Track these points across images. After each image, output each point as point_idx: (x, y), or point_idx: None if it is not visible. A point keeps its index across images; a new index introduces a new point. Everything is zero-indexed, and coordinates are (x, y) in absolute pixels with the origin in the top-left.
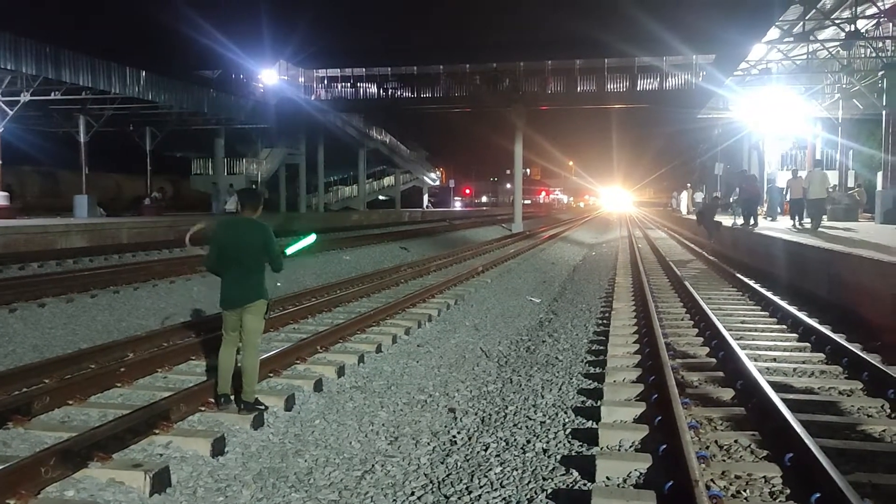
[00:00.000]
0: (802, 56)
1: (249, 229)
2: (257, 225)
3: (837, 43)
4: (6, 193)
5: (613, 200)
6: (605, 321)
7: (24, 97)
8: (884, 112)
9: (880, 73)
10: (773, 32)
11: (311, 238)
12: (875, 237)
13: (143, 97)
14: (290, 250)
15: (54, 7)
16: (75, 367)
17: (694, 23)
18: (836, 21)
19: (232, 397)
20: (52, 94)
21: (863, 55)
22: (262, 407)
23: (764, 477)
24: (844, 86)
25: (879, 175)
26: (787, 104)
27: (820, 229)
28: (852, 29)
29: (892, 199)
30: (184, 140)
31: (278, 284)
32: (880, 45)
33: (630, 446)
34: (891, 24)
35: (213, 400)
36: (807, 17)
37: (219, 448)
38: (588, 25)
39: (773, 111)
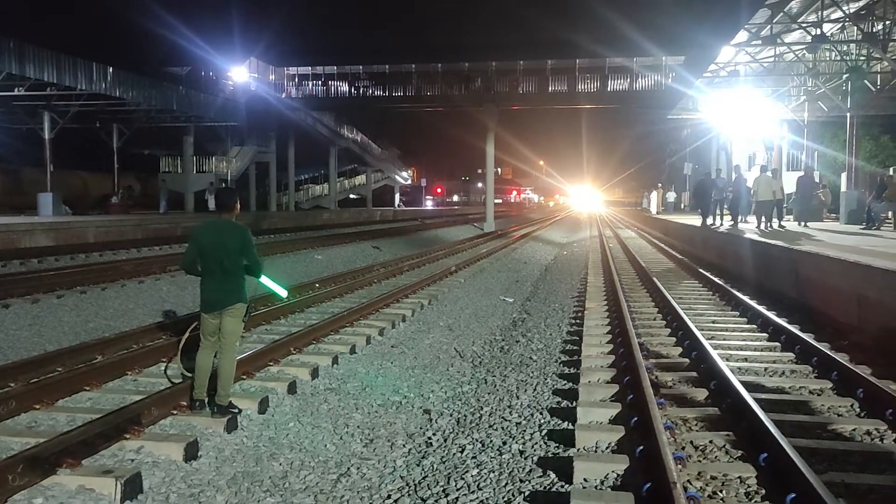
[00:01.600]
0: (769, 59)
1: (229, 232)
2: (236, 228)
3: (803, 46)
4: None
5: (583, 200)
6: (578, 321)
7: None
8: (848, 114)
9: (845, 76)
10: (742, 35)
11: (283, 292)
12: (839, 237)
13: (110, 93)
14: (262, 279)
15: (19, 1)
16: (42, 370)
17: (664, 24)
18: (803, 25)
19: (205, 401)
20: (16, 89)
21: (828, 58)
22: (236, 410)
23: (739, 477)
24: (810, 88)
25: (843, 176)
26: (754, 106)
27: (779, 229)
28: (818, 32)
29: (855, 200)
30: (152, 137)
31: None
32: (845, 48)
33: (607, 447)
34: (855, 28)
35: (185, 403)
36: (774, 21)
37: (192, 452)
38: (559, 26)
39: (740, 112)
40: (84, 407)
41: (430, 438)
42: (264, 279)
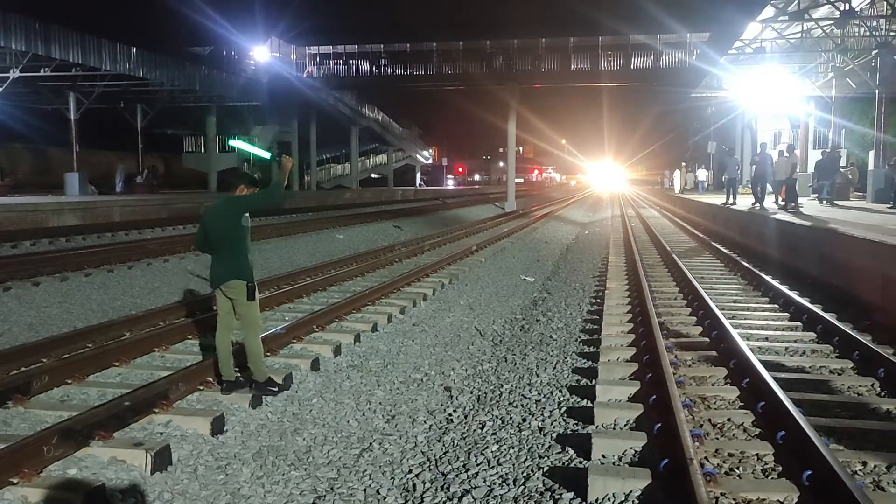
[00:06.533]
0: (796, 35)
1: (225, 206)
2: (233, 202)
3: (831, 21)
4: None
5: (606, 178)
6: (598, 300)
7: (14, 73)
8: (877, 91)
9: (874, 52)
10: (768, 11)
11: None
12: (865, 216)
13: (134, 74)
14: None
15: None
16: (73, 347)
17: (688, 1)
18: None
19: (233, 381)
20: (42, 70)
21: (856, 34)
22: (275, 389)
23: (756, 454)
24: (838, 64)
25: (871, 154)
26: (780, 83)
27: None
28: (847, 7)
29: (883, 178)
30: (175, 117)
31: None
32: (874, 23)
33: (625, 425)
34: (885, 3)
35: (211, 379)
36: None
37: (218, 427)
38: (582, 3)
39: (766, 90)
40: (114, 382)
41: (450, 415)
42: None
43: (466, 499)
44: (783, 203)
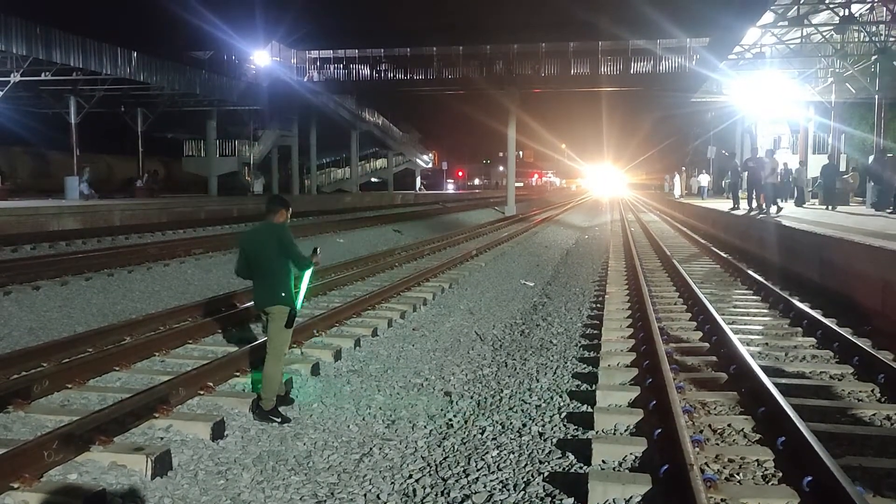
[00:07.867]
0: (796, 40)
1: (267, 234)
2: (274, 229)
3: (831, 27)
4: None
5: (606, 183)
6: (598, 305)
7: (14, 77)
8: (876, 96)
9: (873, 58)
10: (768, 16)
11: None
12: (865, 221)
13: (134, 78)
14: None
15: None
16: (73, 351)
17: (688, 6)
18: (831, 5)
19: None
20: (43, 74)
21: (856, 39)
22: (277, 419)
23: (757, 460)
24: (838, 70)
25: (871, 159)
26: (780, 88)
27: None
28: (846, 13)
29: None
30: (175, 121)
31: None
32: (874, 29)
33: (625, 430)
34: (885, 9)
35: (211, 384)
36: (801, 1)
37: (219, 432)
38: (582, 8)
39: (766, 95)
40: (114, 386)
41: (450, 420)
42: (305, 279)
43: None
44: (764, 207)
